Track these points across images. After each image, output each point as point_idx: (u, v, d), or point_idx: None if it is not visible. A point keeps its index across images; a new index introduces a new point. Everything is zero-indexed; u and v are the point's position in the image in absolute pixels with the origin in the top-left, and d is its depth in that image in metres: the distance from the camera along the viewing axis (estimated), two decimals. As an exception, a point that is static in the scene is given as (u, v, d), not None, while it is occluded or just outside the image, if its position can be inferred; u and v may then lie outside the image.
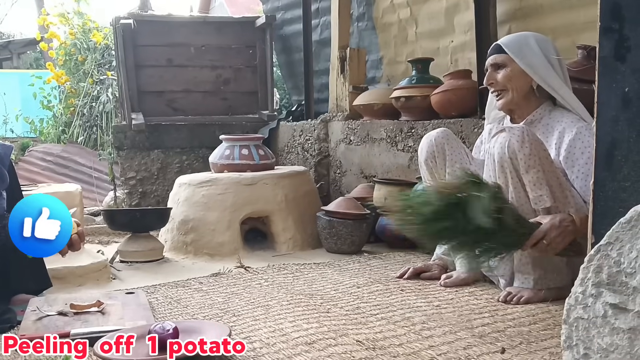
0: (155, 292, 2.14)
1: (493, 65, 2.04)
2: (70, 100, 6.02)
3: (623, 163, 1.11)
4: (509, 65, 2.00)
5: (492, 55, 2.06)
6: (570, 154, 1.90)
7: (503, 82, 2.02)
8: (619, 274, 0.99)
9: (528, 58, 1.98)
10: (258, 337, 1.57)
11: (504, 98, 2.04)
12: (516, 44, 2.01)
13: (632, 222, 0.99)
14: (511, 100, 2.02)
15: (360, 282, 2.19)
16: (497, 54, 2.03)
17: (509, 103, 2.04)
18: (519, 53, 1.98)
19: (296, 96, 5.07)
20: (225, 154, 3.17)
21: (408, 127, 3.14)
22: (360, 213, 2.87)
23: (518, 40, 2.03)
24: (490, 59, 2.06)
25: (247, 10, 10.31)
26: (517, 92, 2.01)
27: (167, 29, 4.34)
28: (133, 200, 4.18)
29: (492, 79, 2.04)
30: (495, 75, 2.04)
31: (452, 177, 1.92)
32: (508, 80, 2.01)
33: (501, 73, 2.02)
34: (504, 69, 2.01)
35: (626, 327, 0.97)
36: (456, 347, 1.47)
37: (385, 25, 3.97)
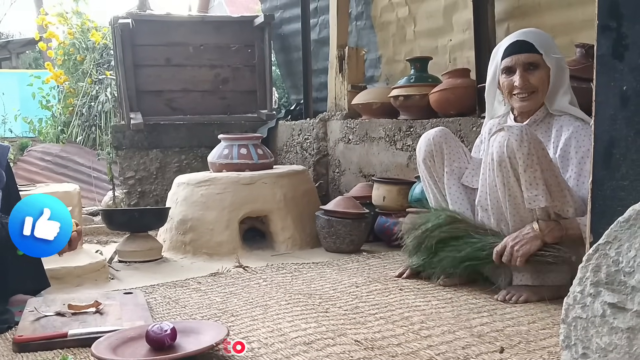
0: (153, 292, 2.14)
1: (525, 64, 1.95)
2: (69, 100, 6.02)
3: (621, 162, 1.11)
4: (542, 66, 1.94)
5: (524, 54, 1.95)
6: (566, 152, 1.89)
7: (536, 85, 1.95)
8: (617, 273, 0.98)
9: (558, 60, 1.95)
10: (256, 337, 1.57)
11: (532, 100, 1.97)
12: (547, 44, 1.95)
13: (630, 221, 0.98)
14: (537, 102, 1.98)
15: (359, 282, 2.18)
16: (530, 53, 1.94)
17: (535, 105, 1.99)
18: (550, 55, 1.93)
19: (295, 95, 5.06)
20: (223, 153, 3.17)
21: (407, 126, 3.13)
22: (359, 212, 2.87)
23: (546, 39, 1.97)
24: (522, 57, 1.95)
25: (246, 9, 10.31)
26: (544, 94, 1.98)
27: (165, 28, 4.34)
28: (132, 200, 4.18)
29: (525, 80, 1.95)
30: (529, 76, 1.95)
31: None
32: (542, 82, 1.95)
33: (535, 74, 1.95)
34: (537, 70, 1.95)
35: (625, 326, 0.96)
36: (455, 346, 1.46)
37: (384, 24, 3.96)
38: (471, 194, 2.08)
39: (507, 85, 2.00)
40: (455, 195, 2.09)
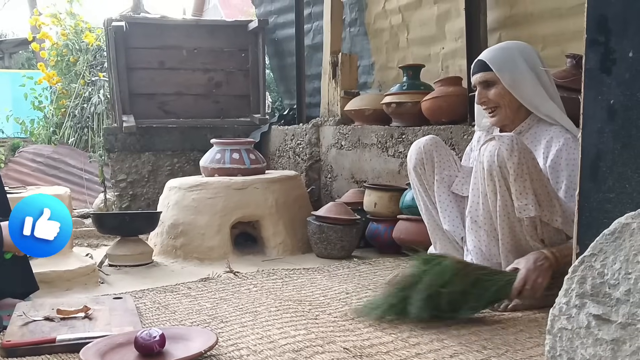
0: (143, 297, 2.13)
1: (482, 83, 2.02)
2: (61, 101, 5.99)
3: (608, 174, 1.12)
4: (498, 83, 1.99)
5: (479, 73, 2.02)
6: (557, 164, 1.91)
7: (495, 100, 2.00)
8: (602, 285, 0.99)
9: (512, 75, 1.96)
10: (245, 344, 1.57)
11: (498, 115, 2.03)
12: (501, 60, 1.99)
13: (615, 233, 1.00)
14: (505, 116, 2.02)
15: (349, 289, 2.19)
16: (484, 72, 2.00)
17: (503, 119, 2.03)
18: (504, 71, 1.97)
19: (288, 100, 5.07)
20: (216, 157, 3.17)
21: (399, 133, 3.15)
22: (351, 218, 2.88)
23: (503, 55, 2.00)
24: (478, 77, 2.03)
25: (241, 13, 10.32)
26: (510, 108, 2.01)
27: (159, 31, 4.34)
28: (123, 203, 4.17)
29: (484, 97, 2.02)
30: (487, 93, 2.02)
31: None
32: (500, 97, 1.99)
33: (492, 91, 2.00)
34: (494, 87, 1.99)
35: (609, 338, 0.97)
36: (443, 354, 1.47)
37: (377, 31, 3.98)
38: (461, 202, 2.09)
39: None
40: (445, 203, 2.10)
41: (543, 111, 1.99)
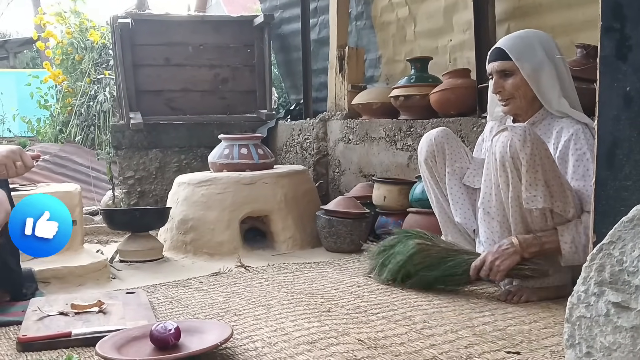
0: (155, 292, 2.14)
1: (499, 72, 1.98)
2: (67, 99, 6.00)
3: (625, 162, 1.12)
4: (516, 74, 1.95)
5: (496, 62, 1.98)
6: (564, 154, 1.90)
7: (511, 91, 1.98)
8: (621, 273, 0.99)
9: (532, 65, 1.93)
10: (260, 337, 1.57)
11: (511, 105, 2.00)
12: (520, 49, 1.95)
13: (634, 221, 0.99)
14: (518, 106, 2.00)
15: (361, 281, 2.19)
16: (503, 61, 1.96)
17: (516, 109, 2.01)
18: (523, 60, 1.93)
19: (294, 95, 5.07)
20: (224, 153, 3.17)
21: (407, 126, 3.14)
22: (360, 212, 2.87)
23: (522, 44, 1.97)
24: (495, 65, 1.98)
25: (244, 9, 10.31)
26: (525, 99, 1.98)
27: (164, 28, 4.33)
28: (131, 200, 4.18)
29: (499, 86, 1.99)
30: (503, 83, 1.98)
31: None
32: (516, 89, 1.97)
33: (509, 82, 1.97)
34: (511, 77, 1.96)
35: (629, 325, 0.97)
36: (457, 345, 1.47)
37: (384, 24, 3.97)
38: (472, 195, 2.08)
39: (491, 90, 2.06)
40: (457, 195, 2.09)
41: (554, 106, 1.97)
